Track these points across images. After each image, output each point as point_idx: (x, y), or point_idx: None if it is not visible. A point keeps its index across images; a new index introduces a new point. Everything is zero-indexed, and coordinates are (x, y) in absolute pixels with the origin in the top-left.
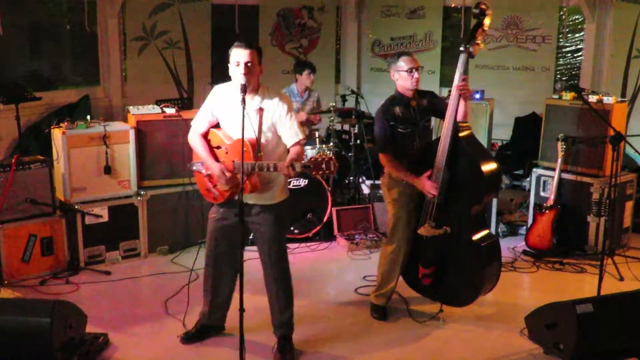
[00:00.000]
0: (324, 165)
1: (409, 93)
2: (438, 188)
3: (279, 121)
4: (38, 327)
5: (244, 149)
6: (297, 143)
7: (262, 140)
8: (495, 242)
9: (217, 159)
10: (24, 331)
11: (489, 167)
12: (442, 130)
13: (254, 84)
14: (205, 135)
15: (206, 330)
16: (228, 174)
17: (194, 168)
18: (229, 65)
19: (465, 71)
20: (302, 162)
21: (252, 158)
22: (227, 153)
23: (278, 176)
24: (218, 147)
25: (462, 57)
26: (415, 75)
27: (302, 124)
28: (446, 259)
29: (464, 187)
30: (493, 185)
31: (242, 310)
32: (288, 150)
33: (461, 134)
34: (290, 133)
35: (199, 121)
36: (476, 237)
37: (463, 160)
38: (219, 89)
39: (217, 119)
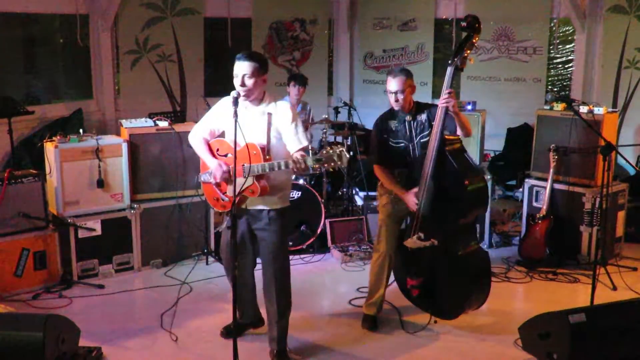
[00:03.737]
0: (335, 157)
1: (404, 109)
2: (419, 203)
3: (284, 128)
4: (31, 341)
5: (254, 152)
6: (301, 149)
7: (270, 144)
8: (484, 257)
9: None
10: (16, 346)
11: (474, 183)
12: (429, 143)
13: (257, 94)
14: (210, 143)
15: (242, 327)
16: (225, 167)
17: (202, 179)
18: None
19: (451, 85)
20: (314, 157)
21: (262, 160)
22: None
23: (285, 181)
24: (226, 155)
25: (448, 71)
26: (392, 98)
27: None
28: (434, 271)
29: (449, 201)
30: (478, 201)
31: (235, 320)
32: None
33: (448, 148)
34: (294, 139)
35: (202, 128)
36: (463, 251)
37: (449, 175)
38: (223, 101)
39: (219, 130)
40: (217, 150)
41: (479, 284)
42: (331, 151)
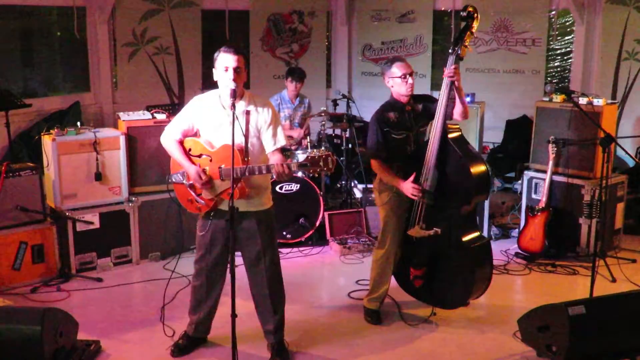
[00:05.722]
0: (321, 163)
1: (404, 99)
2: (421, 190)
3: (263, 127)
4: (29, 335)
5: (232, 154)
6: (278, 150)
7: (248, 144)
8: (486, 244)
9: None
10: (14, 339)
11: (477, 168)
12: (433, 126)
13: (240, 89)
14: (181, 144)
15: (194, 342)
16: (204, 177)
17: (174, 180)
18: (213, 70)
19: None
20: (299, 161)
21: (241, 162)
22: (211, 161)
23: (264, 181)
24: (200, 156)
25: (450, 59)
26: (409, 80)
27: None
28: (437, 260)
29: (452, 188)
30: (482, 187)
31: (234, 315)
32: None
33: (450, 135)
34: (271, 139)
35: (175, 128)
36: (466, 238)
37: (452, 161)
38: (199, 100)
39: (192, 129)
40: (190, 150)
41: (481, 271)
42: (317, 156)
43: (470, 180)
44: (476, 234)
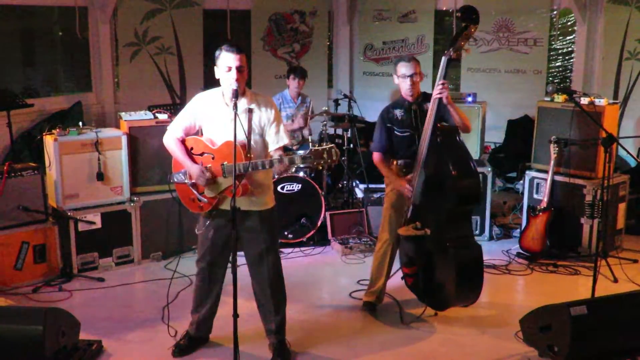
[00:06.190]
0: (325, 155)
1: (410, 97)
2: (412, 190)
3: (266, 125)
4: (31, 335)
5: (234, 151)
6: (280, 148)
7: (251, 142)
8: (474, 252)
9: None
10: (16, 339)
11: (463, 175)
12: (422, 134)
13: (242, 88)
14: (183, 143)
15: (196, 342)
16: (207, 174)
17: (175, 180)
18: (215, 67)
19: (445, 76)
20: (302, 154)
21: (243, 159)
22: (214, 158)
23: (266, 179)
24: (202, 154)
25: (442, 61)
26: (408, 81)
27: (301, 129)
28: (426, 261)
29: (439, 191)
30: (466, 194)
31: (235, 315)
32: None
33: (442, 139)
34: (275, 137)
35: (177, 126)
36: (452, 243)
37: (440, 165)
38: (201, 97)
39: (195, 127)
40: (192, 148)
41: (467, 278)
42: (320, 149)
43: (454, 187)
44: (466, 239)
